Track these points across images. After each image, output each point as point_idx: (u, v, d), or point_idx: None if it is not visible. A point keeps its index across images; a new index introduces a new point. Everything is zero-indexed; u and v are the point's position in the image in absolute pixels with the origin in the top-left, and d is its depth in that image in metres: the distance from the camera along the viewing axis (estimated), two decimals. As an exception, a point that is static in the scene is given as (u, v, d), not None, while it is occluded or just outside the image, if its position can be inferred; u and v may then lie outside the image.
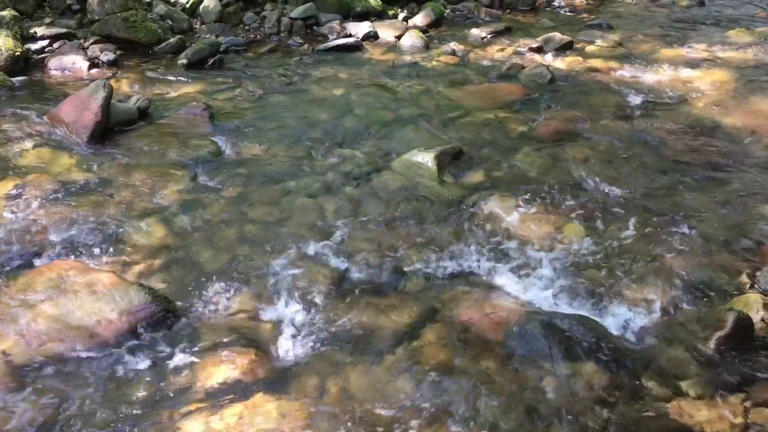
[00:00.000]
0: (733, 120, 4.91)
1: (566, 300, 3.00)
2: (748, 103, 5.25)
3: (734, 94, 5.47)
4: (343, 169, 4.17)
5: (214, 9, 6.79)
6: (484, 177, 4.12)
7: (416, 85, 5.66)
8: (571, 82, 5.80)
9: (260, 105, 5.16)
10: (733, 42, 7.01)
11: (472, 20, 7.91)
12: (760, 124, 4.83)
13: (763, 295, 2.86)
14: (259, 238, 3.45)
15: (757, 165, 4.23)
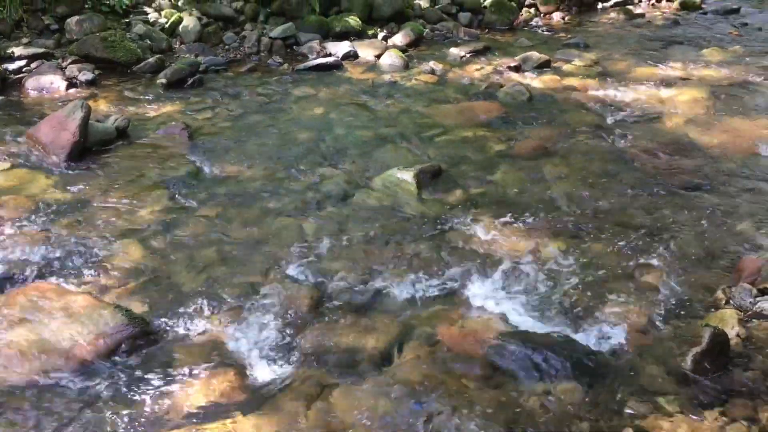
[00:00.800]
0: (708, 137, 4.98)
1: (545, 317, 3.02)
2: (722, 121, 5.33)
3: (709, 112, 5.55)
4: (323, 188, 4.18)
5: (194, 29, 6.79)
6: (464, 195, 4.14)
7: (396, 104, 5.69)
8: (548, 101, 5.86)
9: (240, 124, 5.16)
10: (708, 60, 7.12)
11: (451, 39, 7.97)
12: (735, 142, 4.90)
13: (738, 311, 2.89)
14: (238, 258, 3.44)
15: (732, 182, 4.29)
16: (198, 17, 6.95)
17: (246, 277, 3.28)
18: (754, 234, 3.66)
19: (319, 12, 7.55)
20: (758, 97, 5.95)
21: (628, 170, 4.46)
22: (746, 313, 2.89)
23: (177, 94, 5.73)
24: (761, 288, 3.00)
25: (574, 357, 2.69)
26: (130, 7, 6.93)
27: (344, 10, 7.88)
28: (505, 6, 8.88)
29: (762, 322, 2.81)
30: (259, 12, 7.45)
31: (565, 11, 9.56)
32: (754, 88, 6.21)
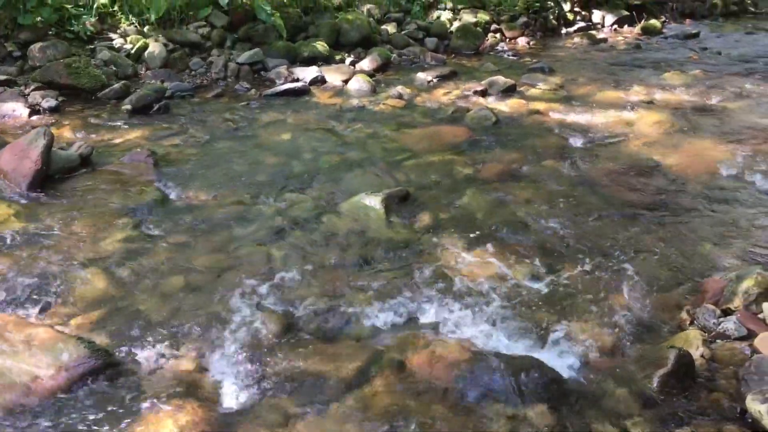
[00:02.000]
0: (671, 160, 5.07)
1: (513, 341, 3.02)
2: (684, 143, 5.44)
3: (671, 135, 5.67)
4: (290, 214, 4.16)
5: (160, 55, 6.77)
6: (431, 219, 4.15)
7: (364, 129, 5.71)
8: (514, 124, 5.93)
9: (207, 150, 5.13)
10: (669, 84, 7.29)
11: (419, 64, 8.06)
12: (696, 164, 5.00)
13: (702, 332, 2.92)
14: (205, 286, 3.39)
15: (695, 203, 4.37)
16: (164, 43, 6.93)
17: (212, 305, 3.23)
18: (717, 255, 3.73)
19: (287, 38, 7.58)
20: (718, 119, 6.09)
21: (593, 193, 4.51)
22: (710, 333, 2.93)
23: (142, 121, 5.68)
24: (724, 308, 3.04)
25: (542, 380, 2.69)
26: (95, 34, 6.89)
27: (311, 35, 7.93)
28: (470, 31, 9.01)
29: (725, 342, 2.85)
30: (226, 38, 7.46)
31: (530, 36, 9.74)
32: (715, 110, 6.36)
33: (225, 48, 7.39)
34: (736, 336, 2.86)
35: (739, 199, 4.42)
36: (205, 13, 7.50)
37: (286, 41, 7.55)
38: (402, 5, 9.27)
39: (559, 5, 10.58)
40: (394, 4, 9.25)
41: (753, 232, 3.98)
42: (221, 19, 7.53)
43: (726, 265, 3.59)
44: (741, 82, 7.32)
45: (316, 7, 8.37)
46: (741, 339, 2.85)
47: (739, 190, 4.54)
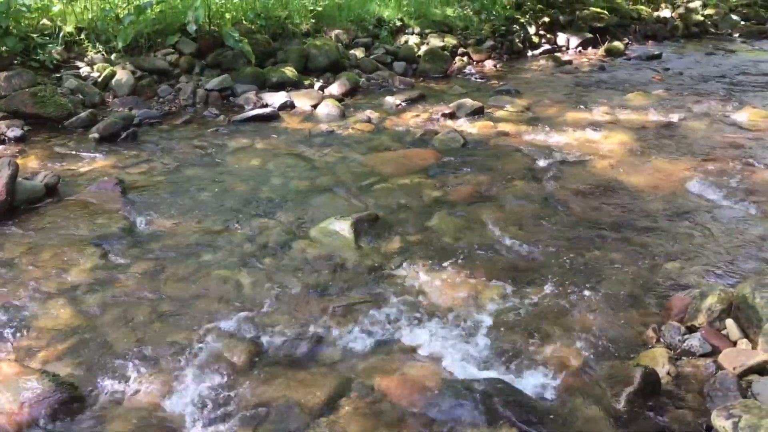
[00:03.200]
0: (636, 179, 5.16)
1: (483, 363, 3.03)
2: (648, 163, 5.54)
3: (635, 154, 5.77)
4: (260, 240, 4.15)
5: (127, 82, 6.74)
6: (401, 242, 4.16)
7: (333, 153, 5.73)
8: (482, 147, 5.99)
9: (175, 178, 5.10)
10: (633, 105, 7.44)
11: (387, 88, 8.13)
12: (660, 182, 5.10)
13: (667, 349, 2.97)
14: (173, 315, 3.36)
15: (659, 222, 4.44)
16: (132, 71, 6.91)
17: (181, 334, 3.20)
18: (682, 272, 3.79)
19: (255, 63, 7.60)
20: (681, 138, 6.22)
21: (560, 213, 4.57)
22: (676, 350, 2.97)
23: (110, 149, 5.64)
24: (689, 325, 3.09)
25: (512, 402, 2.70)
26: (62, 62, 6.84)
27: (280, 61, 7.97)
28: (438, 55, 9.12)
29: (691, 359, 2.89)
30: (194, 64, 7.46)
31: (497, 59, 9.88)
32: (677, 129, 6.50)
33: (193, 74, 7.39)
34: (701, 352, 2.91)
35: (701, 216, 4.51)
36: (173, 40, 7.50)
37: (254, 67, 7.57)
38: (370, 30, 9.36)
39: (524, 28, 10.76)
40: (362, 29, 9.34)
41: (715, 249, 4.05)
42: (189, 45, 7.53)
43: (690, 282, 3.65)
44: (702, 102, 7.50)
45: (285, 33, 8.42)
46: (706, 355, 2.89)
47: (702, 208, 4.63)
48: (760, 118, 6.79)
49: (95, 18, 7.33)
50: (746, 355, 2.77)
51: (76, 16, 7.29)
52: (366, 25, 9.38)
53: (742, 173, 5.24)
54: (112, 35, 7.22)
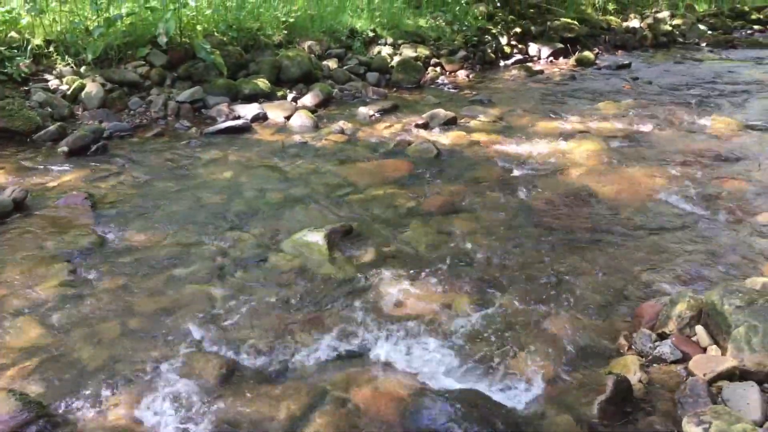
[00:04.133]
0: (606, 187, 5.22)
1: (458, 373, 3.03)
2: (618, 171, 5.61)
3: (606, 163, 5.83)
4: (232, 254, 4.11)
5: (97, 95, 6.67)
6: (375, 253, 4.16)
7: (306, 165, 5.71)
8: (456, 157, 6.02)
9: (146, 191, 5.05)
10: (603, 114, 7.53)
11: (360, 99, 8.14)
12: (631, 190, 5.16)
13: (639, 356, 2.99)
14: (144, 330, 3.31)
15: (630, 229, 4.49)
16: (101, 83, 6.83)
17: (152, 350, 3.16)
18: (652, 280, 3.83)
19: (227, 75, 7.57)
20: (651, 146, 6.30)
21: (532, 222, 4.60)
22: (647, 358, 2.99)
23: (79, 162, 5.57)
24: (660, 332, 3.12)
25: (486, 412, 2.71)
26: (30, 75, 6.75)
27: (252, 72, 7.94)
28: (411, 65, 9.16)
29: (662, 366, 2.91)
30: (165, 76, 7.40)
31: (469, 69, 9.95)
32: (647, 138, 6.59)
33: (165, 87, 7.33)
34: (672, 359, 2.93)
35: (670, 223, 4.57)
36: (144, 52, 7.44)
37: (226, 79, 7.54)
38: (343, 41, 9.37)
39: (496, 39, 10.85)
40: (334, 40, 9.35)
41: (685, 256, 4.10)
42: (160, 58, 7.48)
43: (660, 289, 3.69)
44: (671, 110, 7.61)
45: (257, 45, 8.40)
46: (676, 362, 2.92)
47: (671, 215, 4.70)
48: (727, 125, 6.92)
49: (64, 30, 7.26)
50: (716, 362, 2.80)
51: (45, 29, 7.21)
52: (339, 36, 9.40)
53: (709, 180, 5.32)
54: (82, 48, 7.14)
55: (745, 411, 2.51)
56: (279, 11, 8.97)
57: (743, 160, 5.91)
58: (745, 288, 3.07)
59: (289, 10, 9.11)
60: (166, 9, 7.40)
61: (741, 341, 2.79)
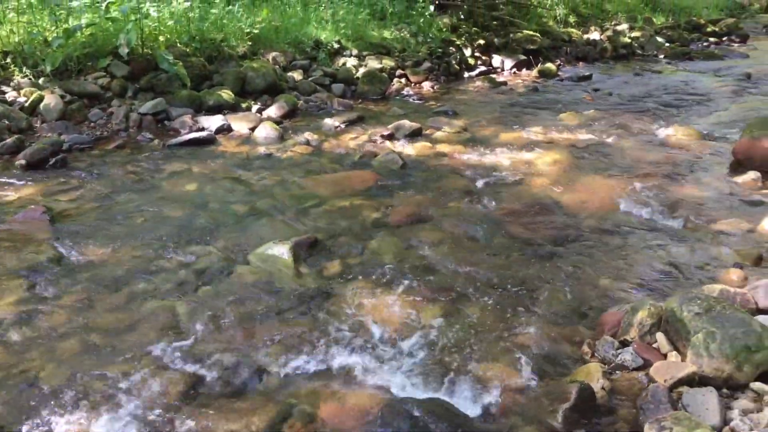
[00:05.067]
0: (569, 197, 5.29)
1: (423, 384, 3.03)
2: (580, 181, 5.69)
3: (568, 173, 5.91)
4: (196, 267, 4.07)
5: (56, 107, 6.55)
6: (341, 265, 4.15)
7: (271, 176, 5.68)
8: (421, 168, 6.04)
9: (107, 204, 4.97)
10: (565, 124, 7.63)
11: (326, 110, 8.13)
12: (592, 200, 5.23)
13: (602, 364, 3.03)
14: (105, 347, 3.25)
15: (592, 238, 4.55)
16: (61, 95, 6.72)
17: (113, 367, 3.10)
18: (615, 287, 3.89)
19: (191, 86, 7.50)
20: (612, 156, 6.41)
21: (497, 232, 4.64)
22: (610, 365, 3.03)
23: (38, 176, 5.46)
24: (622, 340, 3.16)
25: (454, 423, 2.71)
26: (-14, 87, 6.62)
27: (216, 83, 7.89)
28: (376, 77, 9.19)
29: (624, 373, 2.95)
30: (127, 88, 7.30)
31: (434, 81, 10.02)
32: (608, 148, 6.69)
33: (126, 98, 7.23)
34: (634, 366, 2.97)
35: (632, 232, 4.64)
36: (105, 63, 7.34)
37: (190, 90, 7.47)
38: (308, 52, 9.36)
39: (460, 51, 10.95)
40: (299, 51, 9.34)
41: (646, 264, 4.17)
42: (122, 69, 7.38)
43: (623, 297, 3.75)
44: (631, 120, 7.75)
45: (221, 56, 8.34)
46: (638, 369, 2.96)
47: (632, 224, 4.77)
48: (686, 135, 7.06)
49: (22, 41, 7.12)
50: (676, 368, 2.84)
51: (2, 40, 7.07)
52: (304, 48, 9.38)
53: (668, 189, 5.43)
54: (40, 59, 7.02)
55: (704, 416, 2.56)
56: (243, 22, 8.93)
57: (701, 169, 6.04)
58: (703, 295, 3.13)
59: (254, 21, 9.07)
60: (127, 19, 7.31)
61: (700, 347, 2.85)
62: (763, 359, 2.80)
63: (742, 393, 2.75)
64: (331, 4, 10.36)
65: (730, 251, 4.31)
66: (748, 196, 5.31)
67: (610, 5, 15.32)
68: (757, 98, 9.20)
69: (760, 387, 2.74)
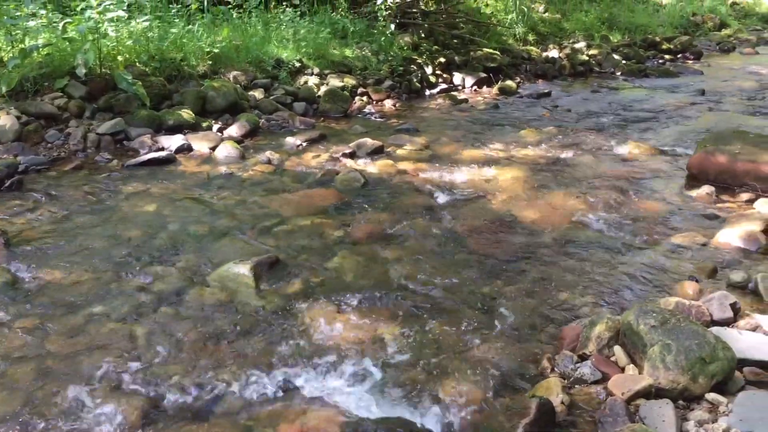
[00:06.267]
0: (529, 213, 5.35)
1: (385, 403, 3.03)
2: (540, 197, 5.76)
3: (529, 189, 5.99)
4: (155, 289, 4.01)
5: (12, 128, 6.42)
6: (302, 284, 4.13)
7: (232, 196, 5.64)
8: (383, 185, 6.06)
9: (64, 226, 4.88)
10: (525, 141, 7.73)
11: (288, 129, 8.11)
12: (552, 215, 5.30)
13: (561, 378, 3.06)
14: (61, 372, 3.18)
15: (552, 253, 4.61)
16: (17, 116, 6.59)
17: (69, 392, 3.03)
18: (574, 302, 3.94)
19: (150, 106, 7.42)
20: (570, 172, 6.51)
21: (458, 249, 4.67)
22: (569, 379, 3.07)
23: (-8, 198, 5.35)
24: (581, 354, 3.20)
25: (415, 441, 2.71)
26: (-61, 108, 6.47)
27: (176, 103, 7.82)
28: (338, 95, 9.21)
29: (583, 387, 2.99)
30: (85, 108, 7.20)
31: (396, 98, 10.08)
32: (567, 164, 6.80)
33: (84, 118, 7.13)
34: (592, 380, 3.01)
35: (590, 246, 4.71)
36: (62, 83, 7.23)
37: (149, 110, 7.39)
38: (269, 71, 9.36)
39: (422, 68, 11.05)
40: (260, 70, 9.33)
41: (603, 278, 4.24)
42: (79, 89, 7.28)
43: (582, 311, 3.80)
44: (589, 137, 7.89)
45: (181, 75, 8.29)
46: (596, 383, 3.00)
47: (590, 238, 4.85)
48: (642, 150, 7.21)
49: (-24, 62, 7.00)
50: (633, 381, 2.89)
51: (-45, 60, 6.94)
52: (265, 66, 9.37)
53: (626, 204, 5.53)
54: (-5, 79, 6.89)
55: (660, 428, 2.60)
56: (203, 41, 8.89)
57: (657, 183, 6.17)
58: (659, 308, 3.19)
59: (214, 40, 9.04)
60: (85, 39, 7.23)
61: (656, 360, 2.90)
62: (717, 370, 2.86)
63: (697, 404, 2.81)
64: (292, 23, 10.37)
65: (685, 264, 4.40)
66: (702, 209, 5.44)
67: (568, 24, 15.62)
68: (711, 114, 9.45)
69: (715, 398, 2.80)
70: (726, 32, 19.22)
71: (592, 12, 16.45)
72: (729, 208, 5.44)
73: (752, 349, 3.10)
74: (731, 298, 3.59)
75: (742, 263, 4.39)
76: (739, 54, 16.28)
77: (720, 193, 5.76)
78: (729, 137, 6.31)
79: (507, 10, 14.22)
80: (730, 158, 5.94)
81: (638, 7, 18.04)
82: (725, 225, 4.95)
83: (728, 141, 6.19)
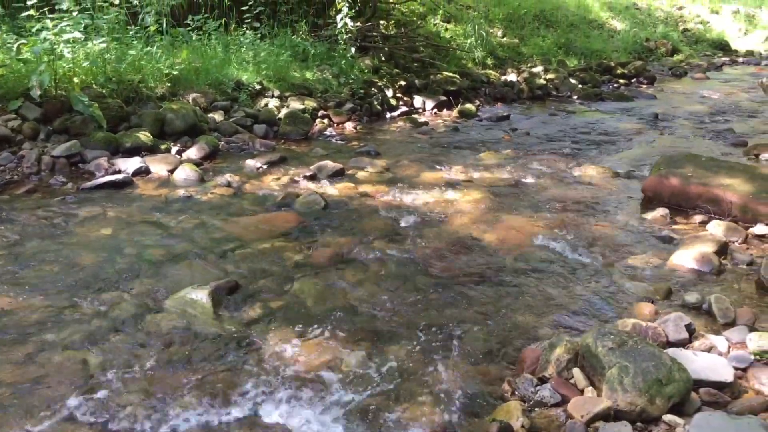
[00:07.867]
0: (490, 235, 5.39)
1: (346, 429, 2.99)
2: (500, 219, 5.81)
3: (489, 211, 6.04)
4: (110, 315, 3.92)
5: (-38, 150, 6.27)
6: (262, 309, 4.08)
7: (190, 219, 5.56)
8: (344, 208, 6.05)
9: (15, 252, 4.75)
10: (485, 163, 7.81)
11: (248, 151, 8.06)
12: (512, 238, 5.35)
13: (522, 401, 3.07)
14: (9, 403, 3.08)
15: (512, 276, 4.64)
16: (-32, 138, 6.44)
17: (17, 424, 2.94)
18: (534, 324, 3.96)
19: (107, 128, 7.30)
20: (529, 195, 6.59)
21: (419, 272, 4.67)
22: (529, 402, 3.07)
23: (-60, 223, 5.19)
24: (540, 377, 3.21)
25: (376, 468, 2.68)
26: None
27: (134, 125, 7.71)
28: (299, 117, 9.19)
29: (543, 410, 3.00)
30: (39, 130, 7.05)
31: (357, 121, 10.10)
32: (526, 187, 6.89)
33: (38, 141, 6.98)
34: (552, 403, 3.02)
35: (549, 268, 4.76)
36: (16, 105, 7.08)
37: (106, 132, 7.27)
38: (229, 93, 9.30)
39: (382, 91, 11.11)
40: (220, 92, 9.27)
41: (563, 301, 4.28)
42: (33, 111, 7.13)
43: (541, 334, 3.82)
44: (547, 159, 8.00)
45: (139, 97, 8.18)
46: (556, 405, 3.01)
47: (549, 260, 4.90)
48: (599, 173, 7.34)
49: (-74, 82, 6.82)
50: (592, 403, 2.91)
51: None
52: (225, 89, 9.31)
53: (583, 226, 5.61)
54: (-55, 100, 6.73)
55: (619, 450, 2.61)
56: (162, 63, 8.81)
57: (614, 206, 6.28)
58: (616, 330, 3.23)
59: (173, 62, 8.97)
60: (40, 61, 7.10)
61: (614, 382, 2.92)
62: (674, 392, 2.90)
63: (655, 426, 2.83)
64: (253, 46, 10.35)
65: (642, 286, 4.47)
66: (657, 231, 5.55)
67: (526, 48, 15.89)
68: (664, 137, 9.68)
69: (672, 419, 2.83)
70: (678, 57, 19.76)
71: (549, 37, 16.78)
72: (683, 230, 5.55)
73: (707, 370, 3.15)
74: (686, 319, 3.65)
75: (696, 284, 4.49)
76: (690, 79, 16.74)
77: (674, 215, 5.88)
78: (682, 160, 6.47)
79: (466, 34, 14.41)
80: (683, 181, 6.08)
81: (594, 33, 18.47)
82: (680, 247, 5.05)
83: (681, 164, 6.35)
